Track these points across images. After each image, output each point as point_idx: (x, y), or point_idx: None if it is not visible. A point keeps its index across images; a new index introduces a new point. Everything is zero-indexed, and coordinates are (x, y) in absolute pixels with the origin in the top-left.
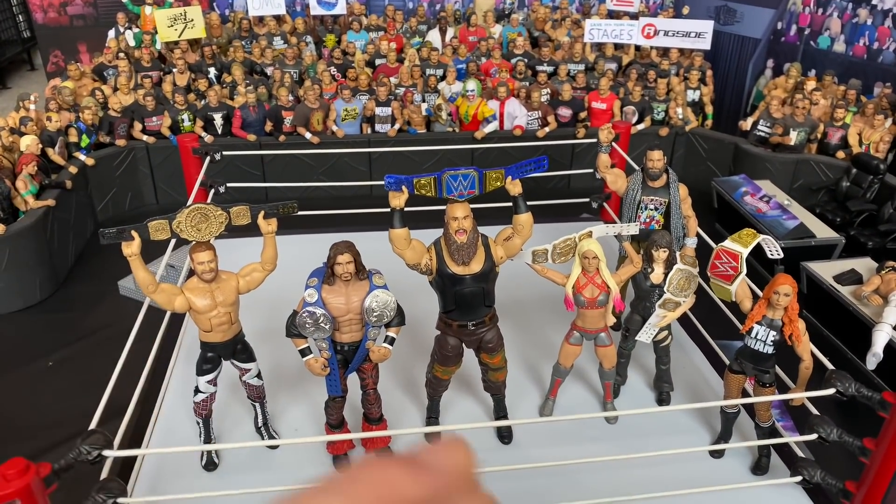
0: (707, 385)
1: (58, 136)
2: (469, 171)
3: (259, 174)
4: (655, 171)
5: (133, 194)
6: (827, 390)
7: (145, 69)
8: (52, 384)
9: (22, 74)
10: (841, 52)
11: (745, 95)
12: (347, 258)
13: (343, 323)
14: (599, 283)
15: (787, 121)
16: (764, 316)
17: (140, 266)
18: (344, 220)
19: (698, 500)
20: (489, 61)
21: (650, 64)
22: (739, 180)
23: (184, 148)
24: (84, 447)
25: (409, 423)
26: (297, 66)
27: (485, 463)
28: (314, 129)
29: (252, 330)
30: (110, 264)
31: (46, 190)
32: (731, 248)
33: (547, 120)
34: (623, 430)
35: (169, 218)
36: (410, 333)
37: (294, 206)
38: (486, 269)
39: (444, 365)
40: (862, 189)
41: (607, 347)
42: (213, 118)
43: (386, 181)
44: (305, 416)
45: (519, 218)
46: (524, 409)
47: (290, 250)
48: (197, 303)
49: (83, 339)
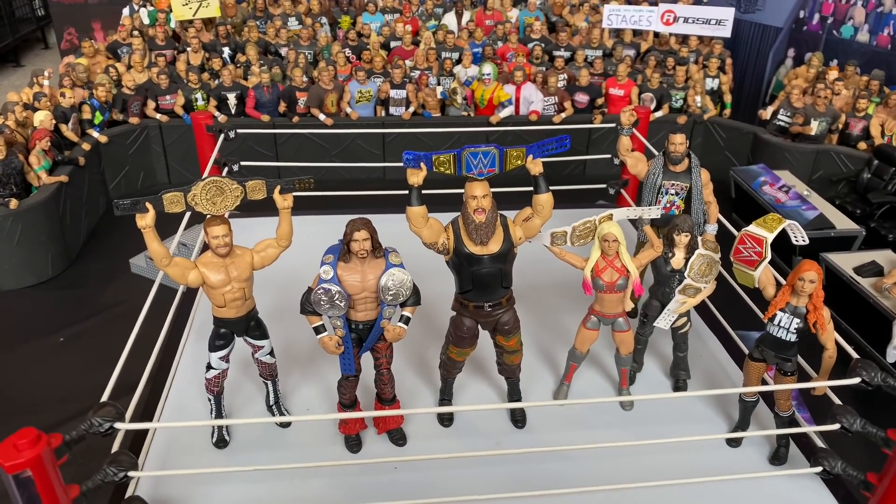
0: (725, 374)
1: (71, 113)
2: (489, 149)
3: (272, 155)
4: (677, 156)
5: (146, 173)
6: (852, 379)
7: (159, 47)
8: (63, 360)
9: (36, 52)
10: (864, 41)
11: (764, 85)
12: (364, 235)
13: (358, 301)
14: (619, 266)
15: (808, 110)
16: (788, 303)
17: (154, 238)
18: (358, 202)
19: (714, 489)
20: (506, 45)
21: (669, 51)
22: (758, 170)
23: (197, 125)
24: (96, 419)
25: (421, 405)
26: (312, 48)
27: (499, 446)
28: (328, 110)
29: (265, 308)
30: (122, 242)
31: (59, 166)
32: (756, 232)
33: (563, 106)
34: (638, 417)
35: (184, 190)
36: (425, 314)
37: (310, 181)
38: (504, 249)
39: (458, 346)
40: (883, 181)
41: (625, 333)
42: (227, 98)
43: (404, 157)
44: (318, 396)
45: (539, 198)
46: (538, 393)
47: (305, 230)
48: (211, 277)
49: (94, 315)
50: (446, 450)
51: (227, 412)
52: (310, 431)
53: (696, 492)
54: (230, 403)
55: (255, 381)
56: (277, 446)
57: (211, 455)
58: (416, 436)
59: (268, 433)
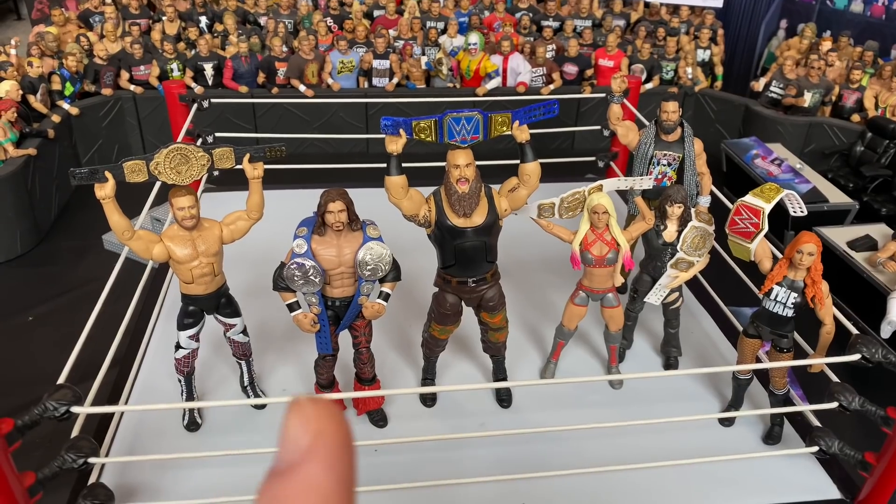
0: (717, 351)
1: (39, 83)
2: (473, 114)
3: (251, 127)
4: (670, 125)
5: (120, 146)
6: (852, 356)
7: (133, 16)
8: (32, 339)
9: (9, 24)
10: (858, 12)
11: (756, 56)
12: (339, 206)
13: (334, 276)
14: (609, 239)
15: (801, 82)
16: (785, 277)
17: (114, 210)
18: (339, 175)
19: (707, 470)
20: (492, 15)
21: (660, 21)
22: (750, 143)
23: (170, 94)
24: (50, 403)
25: (403, 385)
26: (292, 16)
27: (484, 427)
28: (308, 81)
29: (240, 285)
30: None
31: (27, 139)
32: (752, 203)
33: (552, 77)
34: (628, 396)
35: (146, 158)
36: (406, 290)
37: (282, 149)
38: (488, 221)
39: (441, 324)
40: (877, 154)
41: (614, 309)
42: (204, 68)
43: (382, 123)
44: (294, 376)
45: (526, 167)
46: (525, 371)
47: (285, 204)
48: (177, 252)
49: (65, 293)
50: (429, 431)
51: (199, 394)
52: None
53: (687, 472)
54: (202, 384)
55: (228, 362)
56: (252, 429)
57: (182, 439)
58: (397, 417)
59: (241, 415)
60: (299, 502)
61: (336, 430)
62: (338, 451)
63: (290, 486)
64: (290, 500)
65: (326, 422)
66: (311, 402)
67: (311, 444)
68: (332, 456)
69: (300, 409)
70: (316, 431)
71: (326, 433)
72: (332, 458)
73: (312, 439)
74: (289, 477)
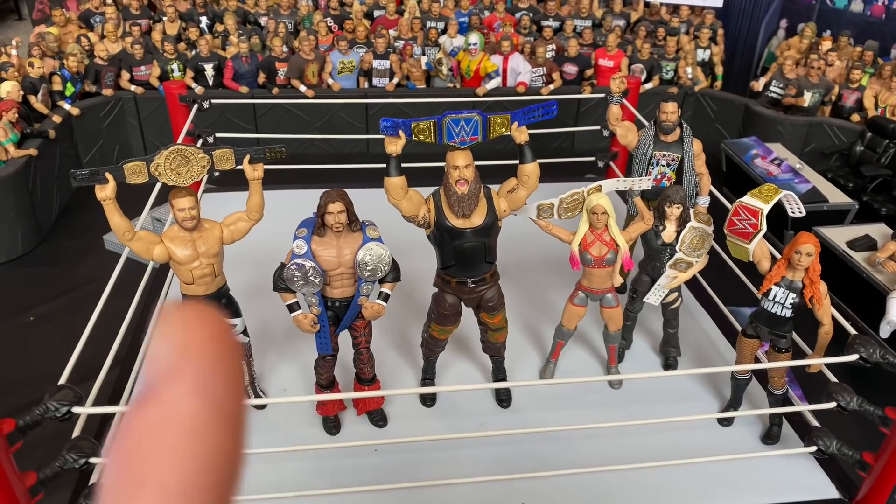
0: (716, 351)
1: (40, 84)
2: (472, 116)
3: (251, 128)
4: (669, 125)
5: (121, 146)
6: (850, 356)
7: (134, 17)
8: (33, 340)
9: (9, 24)
10: (858, 11)
11: (755, 56)
12: (339, 207)
13: (334, 277)
14: (608, 240)
15: (801, 81)
16: (783, 277)
17: (115, 211)
18: (339, 176)
19: (706, 470)
20: (493, 15)
21: (660, 21)
22: (750, 142)
23: (170, 95)
24: (52, 403)
25: (403, 385)
26: (293, 16)
27: (483, 427)
28: (309, 81)
29: (240, 285)
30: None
31: (28, 139)
32: (751, 203)
33: (552, 77)
34: (627, 396)
35: (147, 160)
36: (406, 290)
37: (282, 150)
38: (487, 222)
39: (441, 324)
40: (876, 154)
41: (613, 309)
42: (204, 69)
43: (382, 125)
44: (294, 376)
45: (525, 168)
46: (524, 371)
47: (285, 205)
48: (177, 253)
49: (66, 293)
50: (428, 431)
51: None
52: (286, 413)
53: (686, 472)
54: None
55: None
56: (253, 429)
57: None
58: (397, 417)
59: None
60: (156, 436)
61: (208, 342)
62: (210, 369)
63: (146, 416)
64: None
65: (195, 333)
66: (178, 310)
67: (174, 363)
68: (201, 375)
69: (166, 320)
70: (181, 346)
71: (194, 347)
72: (199, 378)
73: (176, 356)
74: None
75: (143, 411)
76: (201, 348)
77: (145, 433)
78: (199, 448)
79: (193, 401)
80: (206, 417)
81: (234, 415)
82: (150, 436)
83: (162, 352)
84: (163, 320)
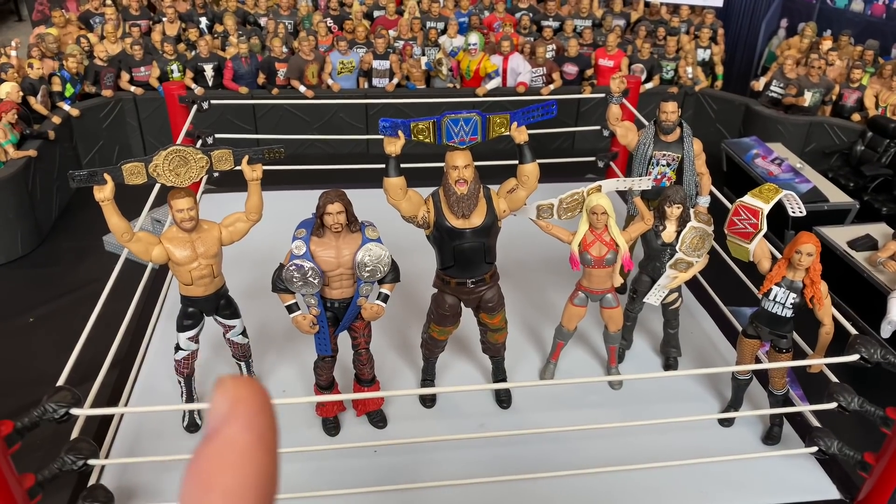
0: (716, 351)
1: (40, 85)
2: (471, 116)
3: (251, 128)
4: (669, 125)
5: (121, 147)
6: (851, 356)
7: (133, 17)
8: (32, 341)
9: (9, 25)
10: (859, 11)
11: (756, 56)
12: (338, 208)
13: (333, 278)
14: (608, 240)
15: (802, 81)
16: (784, 277)
17: (114, 212)
18: (339, 176)
19: (706, 470)
20: (492, 15)
21: (660, 21)
22: (750, 142)
23: (170, 95)
24: (50, 405)
25: (402, 386)
26: (292, 17)
27: (483, 428)
28: (308, 82)
29: (240, 286)
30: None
31: (28, 140)
32: (751, 203)
33: (552, 77)
34: (628, 396)
35: (145, 161)
36: (406, 291)
37: (281, 150)
38: (487, 222)
39: (440, 325)
40: (877, 153)
41: (613, 309)
42: (204, 69)
43: (381, 125)
44: (294, 377)
45: (524, 168)
46: (524, 372)
47: (284, 205)
48: (176, 254)
49: (66, 294)
50: (428, 432)
51: (199, 395)
52: (286, 414)
53: (687, 473)
54: (202, 386)
55: (228, 363)
56: None
57: (182, 440)
58: (396, 418)
59: None
60: (220, 458)
61: (254, 395)
62: (256, 413)
63: (211, 447)
64: (212, 458)
65: (244, 390)
66: (231, 378)
67: (230, 409)
68: (250, 416)
69: (222, 385)
70: (234, 398)
71: (244, 398)
72: (249, 418)
73: (231, 405)
74: (212, 439)
75: (210, 443)
76: (249, 400)
77: (213, 456)
78: (251, 465)
79: (246, 434)
80: (255, 446)
81: (273, 447)
82: (216, 458)
83: (220, 403)
84: (219, 386)
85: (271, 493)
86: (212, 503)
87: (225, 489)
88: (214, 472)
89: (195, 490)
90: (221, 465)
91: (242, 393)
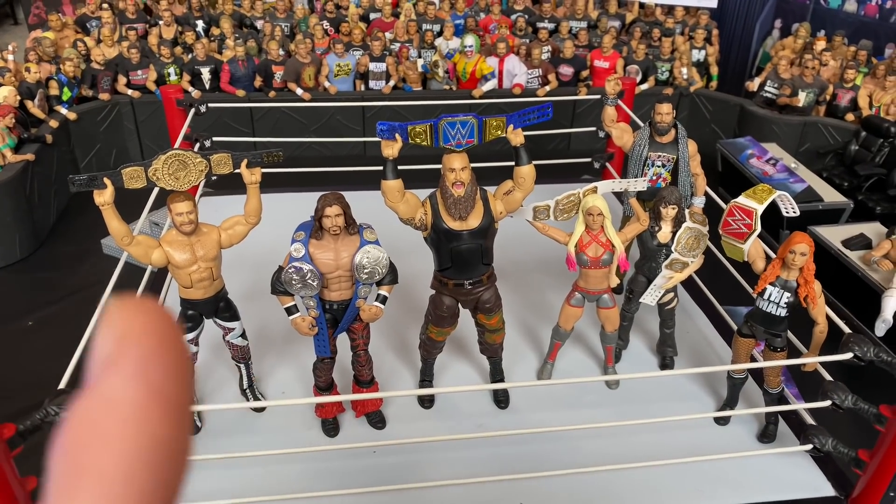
0: (712, 350)
1: (37, 89)
2: (468, 119)
3: (248, 131)
4: (664, 126)
5: (118, 151)
6: (844, 355)
7: (130, 21)
8: (32, 344)
9: (6, 29)
10: (852, 11)
11: (751, 56)
12: (336, 210)
13: (332, 280)
14: (604, 241)
15: (796, 81)
16: (778, 277)
17: (113, 216)
18: (336, 178)
19: (703, 468)
20: (488, 17)
21: (655, 22)
22: (745, 142)
23: (167, 99)
24: (52, 408)
25: (401, 387)
26: (289, 20)
27: (481, 428)
28: (305, 85)
29: (239, 289)
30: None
31: (25, 144)
32: (745, 204)
33: (548, 78)
34: (624, 396)
35: (145, 165)
36: (404, 293)
37: (279, 154)
38: (484, 224)
39: (438, 326)
40: (871, 153)
41: (610, 309)
42: (201, 73)
43: (378, 129)
44: (293, 379)
45: (521, 170)
46: (521, 373)
47: (282, 208)
48: (175, 257)
49: (65, 298)
50: (427, 432)
51: (199, 397)
52: (285, 416)
53: (683, 471)
54: (202, 388)
55: (227, 365)
56: (251, 432)
57: None
58: (395, 418)
59: (241, 418)
60: (96, 425)
61: (147, 331)
62: (150, 357)
63: (85, 406)
64: (86, 425)
65: (135, 323)
66: (118, 303)
67: (115, 350)
68: (140, 363)
69: (109, 313)
70: (120, 336)
71: (133, 336)
72: (138, 366)
73: (116, 343)
74: (87, 394)
75: (83, 401)
76: (140, 337)
77: (85, 422)
78: (139, 434)
79: (132, 388)
80: (146, 404)
81: (176, 401)
82: (89, 425)
83: (103, 343)
84: (106, 315)
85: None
86: (81, 497)
87: (101, 473)
88: (87, 445)
89: (63, 470)
90: (97, 436)
91: (134, 324)
